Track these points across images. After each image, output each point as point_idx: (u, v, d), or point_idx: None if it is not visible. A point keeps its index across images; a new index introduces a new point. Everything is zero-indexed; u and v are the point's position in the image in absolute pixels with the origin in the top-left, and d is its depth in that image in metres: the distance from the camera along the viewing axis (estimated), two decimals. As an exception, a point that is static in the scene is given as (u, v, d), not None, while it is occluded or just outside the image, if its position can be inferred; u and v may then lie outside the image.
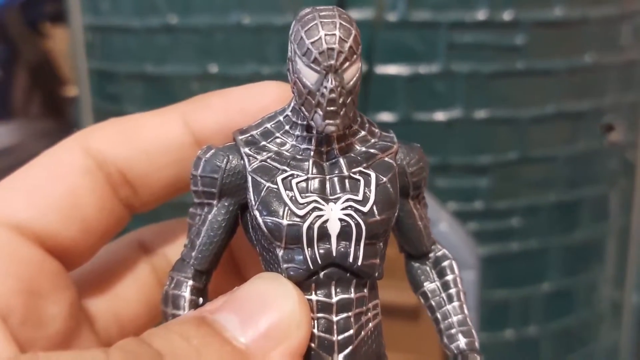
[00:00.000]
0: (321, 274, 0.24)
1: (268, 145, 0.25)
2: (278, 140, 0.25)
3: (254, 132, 0.26)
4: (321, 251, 0.24)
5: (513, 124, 0.55)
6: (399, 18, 0.52)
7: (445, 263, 0.28)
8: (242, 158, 0.25)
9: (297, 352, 0.23)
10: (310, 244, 0.24)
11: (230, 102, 0.28)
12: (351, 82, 0.23)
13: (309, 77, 0.23)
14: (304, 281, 0.24)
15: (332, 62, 0.22)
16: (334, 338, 0.24)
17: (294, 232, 0.24)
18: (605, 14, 0.56)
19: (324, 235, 0.24)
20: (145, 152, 0.28)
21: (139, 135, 0.28)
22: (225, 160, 0.25)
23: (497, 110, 0.54)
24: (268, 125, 0.26)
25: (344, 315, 0.24)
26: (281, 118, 0.26)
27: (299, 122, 0.25)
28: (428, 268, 0.28)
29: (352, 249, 0.24)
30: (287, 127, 0.26)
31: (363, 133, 0.26)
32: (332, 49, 0.22)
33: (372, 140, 0.26)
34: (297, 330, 0.23)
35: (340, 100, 0.23)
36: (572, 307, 0.61)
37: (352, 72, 0.23)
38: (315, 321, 0.24)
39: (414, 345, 0.54)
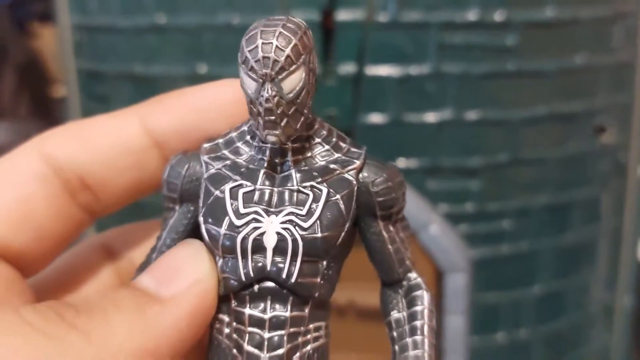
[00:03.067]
0: (256, 287, 0.24)
1: (227, 153, 0.25)
2: (239, 150, 0.25)
3: (219, 141, 0.26)
4: (255, 264, 0.24)
5: (504, 125, 0.54)
6: (390, 19, 0.51)
7: (417, 293, 0.26)
8: (201, 165, 0.25)
9: (208, 297, 0.24)
10: (244, 256, 0.24)
11: (186, 102, 0.28)
12: (292, 92, 0.23)
13: (249, 85, 0.23)
14: (239, 293, 0.24)
15: (267, 70, 0.22)
16: (263, 355, 0.23)
17: (229, 242, 0.24)
18: (597, 14, 0.56)
19: (259, 248, 0.24)
20: (103, 156, 0.28)
21: (97, 139, 0.28)
22: (186, 166, 0.25)
23: (488, 112, 0.54)
24: (232, 135, 0.26)
25: (277, 332, 0.24)
26: (245, 127, 0.26)
27: (257, 132, 0.25)
28: (399, 296, 0.26)
29: (286, 265, 0.23)
30: (247, 137, 0.25)
31: (326, 147, 0.25)
32: (268, 58, 0.22)
33: (335, 156, 0.25)
34: (206, 278, 0.24)
35: (279, 110, 0.23)
36: (564, 309, 0.61)
37: (293, 82, 0.23)
38: (247, 335, 0.24)
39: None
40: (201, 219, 0.24)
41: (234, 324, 0.24)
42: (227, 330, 0.24)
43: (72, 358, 0.21)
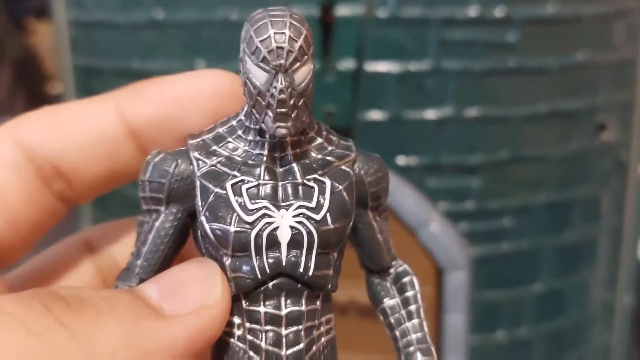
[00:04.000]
0: (270, 285, 0.23)
1: (219, 149, 0.25)
2: (230, 145, 0.25)
3: (205, 137, 0.25)
4: (270, 260, 0.23)
5: (505, 122, 0.54)
6: (389, 14, 0.51)
7: (406, 279, 0.27)
8: (191, 163, 0.24)
9: (213, 324, 0.23)
10: (258, 252, 0.23)
11: (166, 90, 0.27)
12: (302, 84, 0.23)
13: (259, 77, 0.22)
14: (252, 292, 0.23)
15: (282, 61, 0.22)
16: (283, 352, 0.23)
17: (241, 240, 0.23)
18: (598, 11, 0.56)
19: (273, 243, 0.23)
20: (77, 143, 0.27)
21: (71, 126, 0.27)
22: (173, 164, 0.24)
23: (488, 109, 0.53)
24: (220, 130, 0.25)
25: (294, 328, 0.23)
26: (234, 122, 0.25)
27: (252, 126, 0.24)
28: (388, 284, 0.27)
29: (303, 259, 0.23)
30: (239, 132, 0.25)
31: (320, 140, 0.25)
32: (282, 48, 0.22)
33: (330, 148, 0.25)
34: (216, 304, 0.23)
35: (291, 102, 0.22)
36: (564, 308, 0.61)
37: (304, 73, 0.23)
38: (263, 334, 0.23)
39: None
40: (203, 218, 0.23)
41: (247, 324, 0.24)
42: (239, 332, 0.24)
43: (55, 358, 0.19)
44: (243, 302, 0.24)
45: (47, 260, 0.30)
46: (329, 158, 0.25)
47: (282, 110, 0.22)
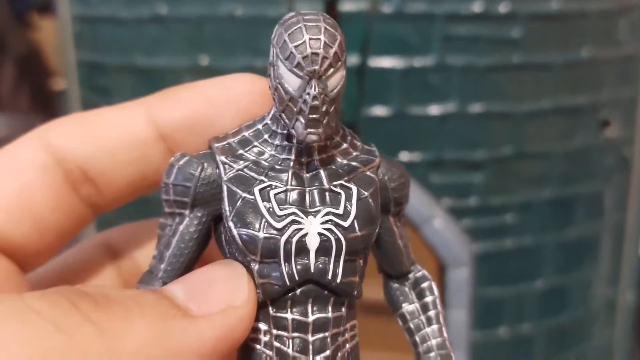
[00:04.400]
0: (298, 291, 0.23)
1: (245, 154, 0.24)
2: (256, 149, 0.24)
3: (230, 140, 0.25)
4: (299, 267, 0.23)
5: (508, 118, 0.54)
6: (394, 10, 0.51)
7: (425, 284, 0.27)
8: (217, 166, 0.24)
9: (240, 325, 0.22)
10: (287, 259, 0.23)
11: (197, 94, 0.27)
12: (335, 90, 0.22)
13: (292, 82, 0.22)
14: (280, 298, 0.23)
15: (316, 67, 0.22)
16: (310, 359, 0.23)
17: (270, 246, 0.23)
18: (602, 8, 0.56)
19: (302, 250, 0.23)
20: (106, 148, 0.27)
21: (101, 131, 0.27)
22: (199, 168, 0.24)
23: (492, 105, 0.53)
24: (246, 134, 0.25)
25: (321, 335, 0.23)
26: (260, 126, 0.25)
27: (279, 130, 0.24)
28: (407, 289, 0.27)
29: (331, 265, 0.23)
30: (266, 136, 0.25)
31: (345, 145, 0.25)
32: (317, 54, 0.21)
33: (354, 153, 0.25)
34: (243, 305, 0.22)
35: (324, 109, 0.22)
36: (566, 304, 0.61)
37: (336, 80, 0.22)
38: (290, 341, 0.23)
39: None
40: (230, 224, 0.23)
41: (274, 330, 0.23)
42: (265, 339, 0.24)
43: (82, 355, 0.19)
44: (270, 308, 0.23)
45: (68, 262, 0.30)
46: (354, 163, 0.24)
47: (315, 116, 0.22)
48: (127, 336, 0.20)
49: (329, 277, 0.23)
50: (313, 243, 0.23)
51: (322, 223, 0.23)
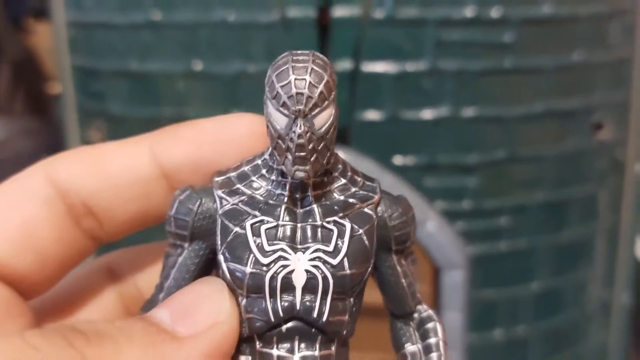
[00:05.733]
0: (284, 328, 0.23)
1: (242, 188, 0.25)
2: (254, 184, 0.25)
3: (231, 174, 0.25)
4: (284, 303, 0.23)
5: (501, 122, 0.54)
6: (386, 15, 0.51)
7: (430, 325, 0.26)
8: (214, 201, 0.24)
9: (228, 339, 0.23)
10: (272, 295, 0.23)
11: (201, 133, 0.27)
12: (323, 128, 0.23)
13: (279, 121, 0.22)
14: (265, 333, 0.23)
15: (301, 107, 0.22)
16: None
17: (256, 281, 0.23)
18: (594, 11, 0.56)
19: (288, 286, 0.23)
20: (110, 183, 0.27)
21: (105, 166, 0.27)
22: (197, 202, 0.24)
23: (485, 109, 0.53)
24: (245, 168, 0.25)
25: None
26: (259, 161, 0.25)
27: (275, 166, 0.24)
28: (411, 329, 0.27)
29: (317, 304, 0.23)
30: (263, 171, 0.25)
31: (343, 181, 0.25)
32: (302, 94, 0.22)
33: (353, 190, 0.25)
34: (227, 320, 0.23)
35: (310, 146, 0.22)
36: (561, 307, 0.61)
37: (324, 118, 0.22)
38: None
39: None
40: (221, 257, 0.23)
41: None
42: None
43: None
44: (257, 342, 0.23)
45: (70, 286, 0.30)
46: (351, 200, 0.24)
47: (301, 154, 0.22)
48: None
49: (315, 315, 0.23)
50: (299, 280, 0.23)
51: (310, 260, 0.23)
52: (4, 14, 1.12)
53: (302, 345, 0.23)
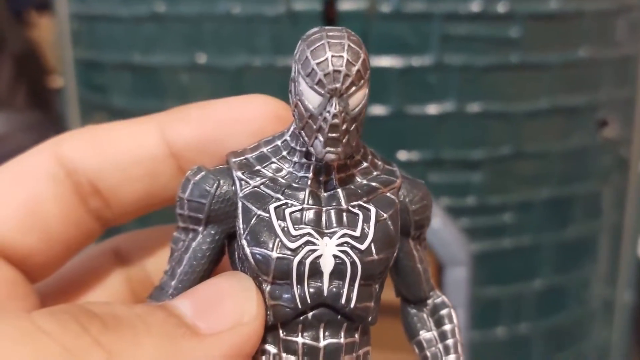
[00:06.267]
0: (309, 315, 0.23)
1: (263, 170, 0.24)
2: (274, 166, 0.24)
3: (248, 156, 0.24)
4: (311, 290, 0.22)
5: (506, 118, 0.54)
6: (392, 9, 0.51)
7: (444, 311, 0.26)
8: (233, 183, 0.23)
9: (249, 342, 0.22)
10: (300, 281, 0.22)
11: (210, 114, 0.27)
12: (357, 109, 0.22)
13: (312, 99, 0.21)
14: (291, 321, 0.23)
15: (338, 85, 0.21)
16: None
17: (283, 267, 0.22)
18: (601, 8, 0.56)
19: (315, 272, 0.22)
20: (117, 162, 0.26)
21: (112, 145, 0.27)
22: (215, 184, 0.23)
23: (490, 104, 0.53)
24: (264, 150, 0.24)
25: None
26: (279, 143, 0.24)
27: (298, 148, 0.24)
28: (425, 315, 0.26)
29: (345, 290, 0.22)
30: (284, 153, 0.24)
31: (365, 165, 0.24)
32: (339, 72, 0.21)
33: (375, 173, 0.24)
34: (252, 321, 0.22)
35: (344, 127, 0.21)
36: (564, 304, 0.61)
37: (359, 98, 0.22)
38: None
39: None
40: (244, 242, 0.23)
41: (284, 354, 0.23)
42: None
43: None
44: (280, 331, 0.23)
45: (77, 269, 0.29)
46: (374, 184, 0.24)
47: (334, 135, 0.21)
48: (136, 358, 0.20)
49: (343, 301, 0.22)
50: (327, 265, 0.22)
51: (338, 245, 0.22)
52: (7, 7, 1.12)
53: (327, 332, 0.23)
